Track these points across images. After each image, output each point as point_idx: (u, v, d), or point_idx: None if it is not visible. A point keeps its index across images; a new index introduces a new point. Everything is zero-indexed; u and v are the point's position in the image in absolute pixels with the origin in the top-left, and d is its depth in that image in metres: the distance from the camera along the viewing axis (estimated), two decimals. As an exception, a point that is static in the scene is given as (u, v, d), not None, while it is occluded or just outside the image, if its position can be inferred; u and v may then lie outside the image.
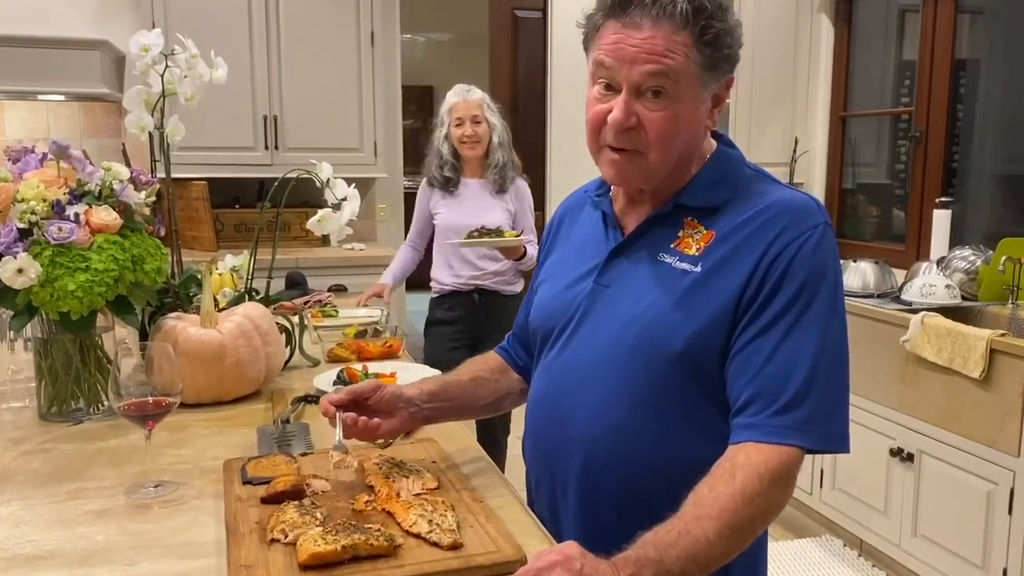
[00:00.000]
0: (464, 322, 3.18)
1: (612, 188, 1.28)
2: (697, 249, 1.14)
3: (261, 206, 1.98)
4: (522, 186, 3.24)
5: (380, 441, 1.37)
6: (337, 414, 1.20)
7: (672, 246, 1.16)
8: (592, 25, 1.13)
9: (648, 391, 1.13)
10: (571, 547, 0.93)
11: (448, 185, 3.15)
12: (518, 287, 3.24)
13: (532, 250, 3.10)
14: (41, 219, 1.42)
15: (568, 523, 1.22)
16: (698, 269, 1.12)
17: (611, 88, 1.11)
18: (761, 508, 1.01)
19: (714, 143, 1.22)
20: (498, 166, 3.14)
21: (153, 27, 2.19)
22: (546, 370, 1.26)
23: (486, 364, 1.43)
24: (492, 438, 3.25)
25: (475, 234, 2.94)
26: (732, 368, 1.10)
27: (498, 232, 2.96)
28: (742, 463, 1.02)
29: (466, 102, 3.11)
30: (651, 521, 1.01)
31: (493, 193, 3.16)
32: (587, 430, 1.17)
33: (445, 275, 3.18)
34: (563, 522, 1.23)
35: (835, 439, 1.08)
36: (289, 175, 1.80)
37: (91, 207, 1.47)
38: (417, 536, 1.03)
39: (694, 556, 0.96)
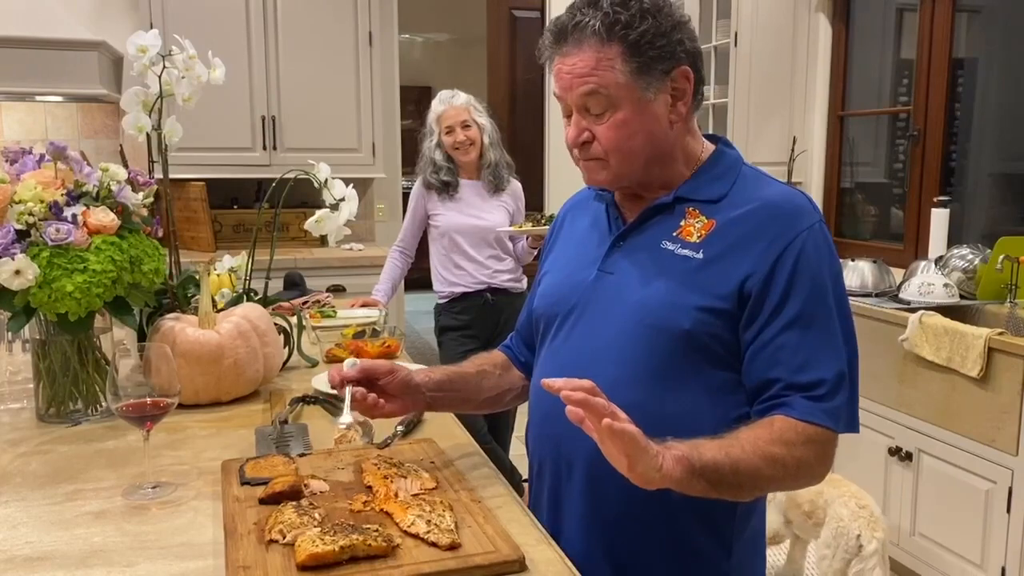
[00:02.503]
0: (476, 325, 3.17)
1: None
2: (698, 237, 1.19)
3: (259, 207, 1.98)
4: (517, 186, 3.26)
5: (378, 441, 1.38)
6: (347, 387, 1.22)
7: (674, 234, 1.21)
8: (549, 65, 1.24)
9: (656, 371, 1.16)
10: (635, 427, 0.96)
11: (448, 189, 3.15)
12: (523, 284, 3.25)
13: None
14: (39, 220, 1.42)
15: (571, 504, 1.23)
16: (700, 255, 1.17)
17: (570, 113, 1.22)
18: (794, 455, 1.07)
19: (712, 145, 1.28)
20: (491, 166, 3.15)
21: (151, 28, 2.19)
22: (553, 354, 1.29)
23: (490, 359, 1.46)
24: (501, 439, 3.25)
25: (532, 222, 3.03)
26: (759, 360, 1.14)
27: (547, 219, 3.03)
28: (780, 419, 1.09)
29: (453, 108, 3.10)
30: (657, 501, 1.03)
31: (491, 193, 3.17)
32: None
33: (453, 278, 3.17)
34: (565, 504, 1.24)
35: (854, 424, 1.15)
36: (287, 175, 1.80)
37: (89, 208, 1.47)
38: (415, 536, 1.03)
39: (727, 452, 1.03)
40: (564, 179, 4.63)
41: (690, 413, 1.16)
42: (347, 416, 1.19)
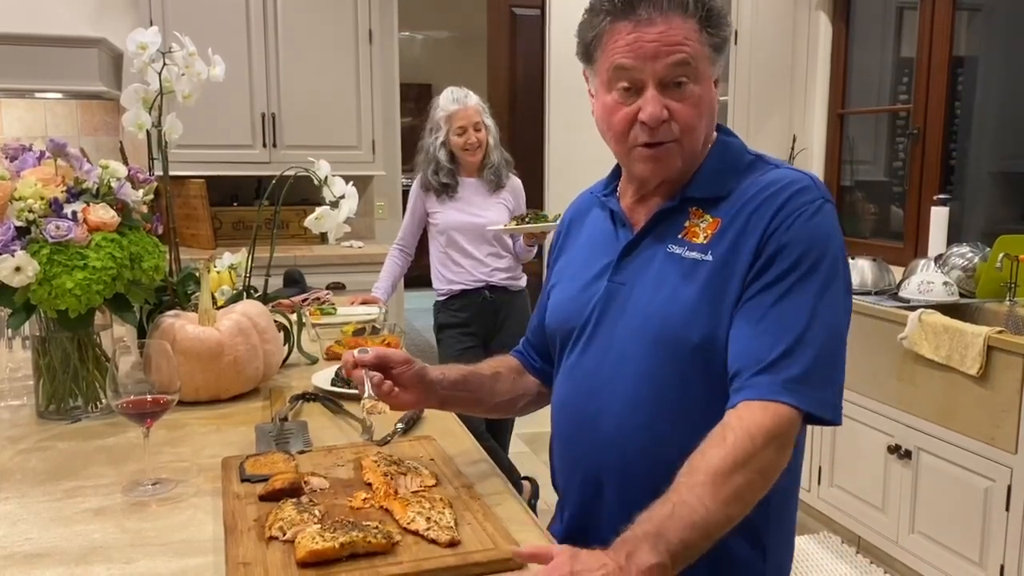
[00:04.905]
0: (475, 322, 3.17)
1: (619, 186, 1.30)
2: (705, 237, 1.15)
3: (259, 204, 1.98)
4: (516, 182, 3.25)
5: (378, 439, 1.38)
6: (365, 371, 1.20)
7: (680, 236, 1.17)
8: (597, 32, 1.15)
9: (672, 386, 1.14)
10: (560, 554, 0.92)
11: (447, 190, 3.15)
12: (522, 282, 3.25)
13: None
14: (39, 217, 1.42)
15: (604, 526, 1.20)
16: (708, 257, 1.13)
17: (630, 89, 1.13)
18: (756, 469, 1.00)
19: (714, 134, 1.23)
20: (493, 166, 3.15)
21: (151, 25, 2.19)
22: (569, 373, 1.26)
23: (505, 363, 1.43)
24: (500, 438, 3.25)
25: (516, 221, 3.01)
26: (730, 338, 1.10)
27: (536, 216, 3.03)
28: (734, 425, 1.02)
29: (468, 109, 3.08)
30: None
31: (490, 191, 3.17)
32: (616, 431, 1.17)
33: (452, 275, 3.18)
34: (599, 525, 1.22)
35: (827, 406, 1.07)
36: (287, 173, 1.80)
37: (89, 205, 1.47)
38: (415, 533, 1.03)
39: (692, 524, 0.95)
40: (564, 179, 4.62)
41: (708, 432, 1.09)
42: (370, 391, 1.19)
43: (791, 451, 1.05)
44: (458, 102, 3.10)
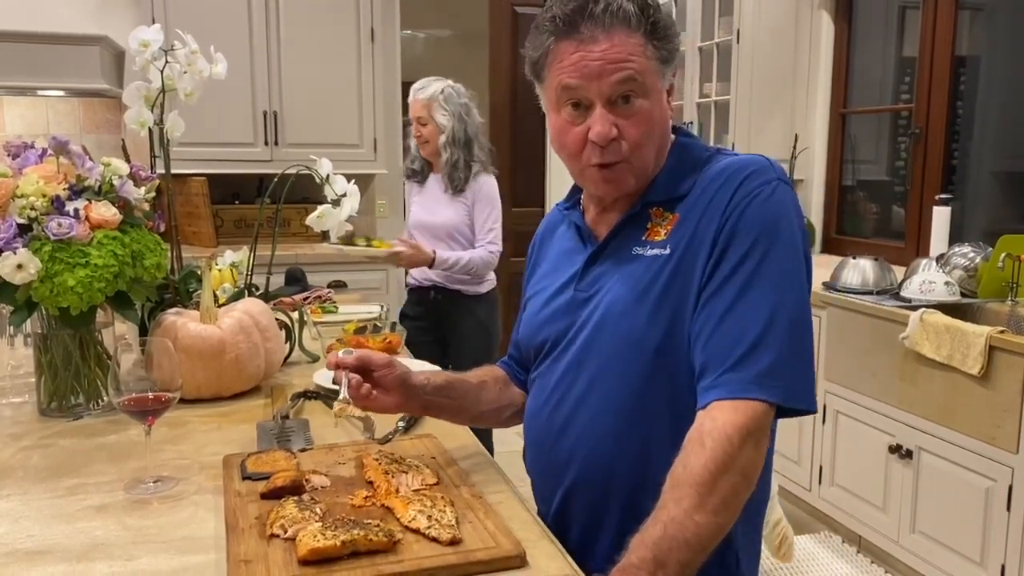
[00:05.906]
0: (426, 318, 3.22)
1: (582, 199, 1.31)
2: (665, 233, 1.16)
3: (261, 202, 1.98)
4: (484, 182, 3.10)
5: (380, 437, 1.38)
6: (344, 373, 1.20)
7: (644, 238, 1.18)
8: (543, 51, 1.14)
9: (637, 390, 1.14)
10: None
11: (414, 177, 3.22)
12: (483, 288, 3.18)
13: (479, 252, 3.06)
14: (41, 215, 1.42)
15: (572, 533, 1.22)
16: (667, 251, 1.14)
17: (579, 106, 1.13)
18: (738, 471, 0.99)
19: (672, 136, 1.23)
20: (447, 165, 3.08)
21: (153, 23, 2.19)
22: (538, 384, 1.28)
23: (491, 373, 1.44)
24: (484, 435, 3.26)
25: (343, 240, 2.96)
26: (693, 333, 1.10)
27: (366, 241, 3.08)
28: (709, 428, 1.01)
29: (415, 102, 3.08)
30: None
31: (446, 191, 3.12)
32: (581, 441, 1.18)
33: (415, 271, 3.24)
34: (568, 532, 1.22)
35: (799, 396, 1.06)
36: (289, 171, 1.80)
37: (91, 203, 1.47)
38: (416, 532, 1.03)
39: (686, 543, 0.95)
40: (566, 177, 4.61)
41: (677, 442, 1.04)
42: (344, 393, 1.20)
43: (767, 446, 1.05)
44: (412, 93, 3.11)
